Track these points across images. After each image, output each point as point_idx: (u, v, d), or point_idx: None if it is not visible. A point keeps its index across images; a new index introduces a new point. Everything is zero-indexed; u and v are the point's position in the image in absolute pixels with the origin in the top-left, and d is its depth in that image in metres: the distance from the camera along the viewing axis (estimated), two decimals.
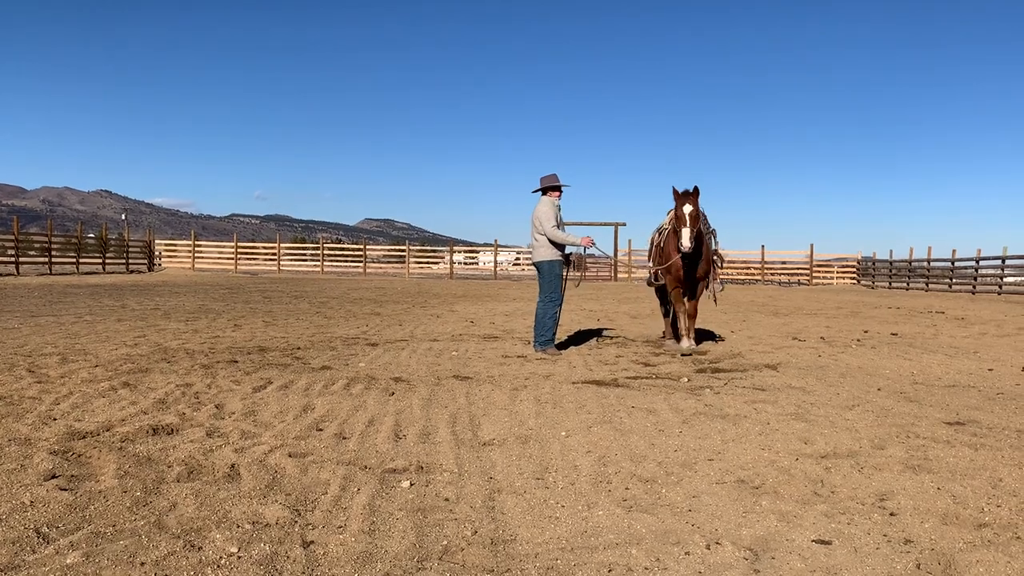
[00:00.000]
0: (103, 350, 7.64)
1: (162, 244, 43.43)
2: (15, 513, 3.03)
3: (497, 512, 3.23)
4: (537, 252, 8.51)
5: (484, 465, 3.91)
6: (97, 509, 3.11)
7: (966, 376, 7.18)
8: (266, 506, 3.20)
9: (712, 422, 4.93)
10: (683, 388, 6.20)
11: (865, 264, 40.92)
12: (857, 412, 5.33)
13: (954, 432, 4.74)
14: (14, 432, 4.24)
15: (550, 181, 8.51)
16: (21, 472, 3.54)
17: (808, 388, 6.29)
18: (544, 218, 8.31)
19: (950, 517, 3.23)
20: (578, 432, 4.61)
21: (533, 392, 5.88)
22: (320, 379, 6.25)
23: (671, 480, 3.70)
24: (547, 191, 8.53)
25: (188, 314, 12.48)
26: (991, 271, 30.74)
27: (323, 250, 44.12)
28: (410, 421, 4.83)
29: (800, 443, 4.42)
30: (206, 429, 4.45)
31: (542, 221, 8.31)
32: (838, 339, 10.44)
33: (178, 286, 22.87)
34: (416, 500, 3.35)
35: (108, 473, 3.56)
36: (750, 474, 3.81)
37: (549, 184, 8.51)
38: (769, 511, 3.28)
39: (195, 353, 7.64)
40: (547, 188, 8.53)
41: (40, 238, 32.99)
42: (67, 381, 5.83)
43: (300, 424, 4.66)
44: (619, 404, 5.46)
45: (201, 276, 33.16)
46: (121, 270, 35.07)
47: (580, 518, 3.18)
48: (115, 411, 4.85)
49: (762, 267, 42.10)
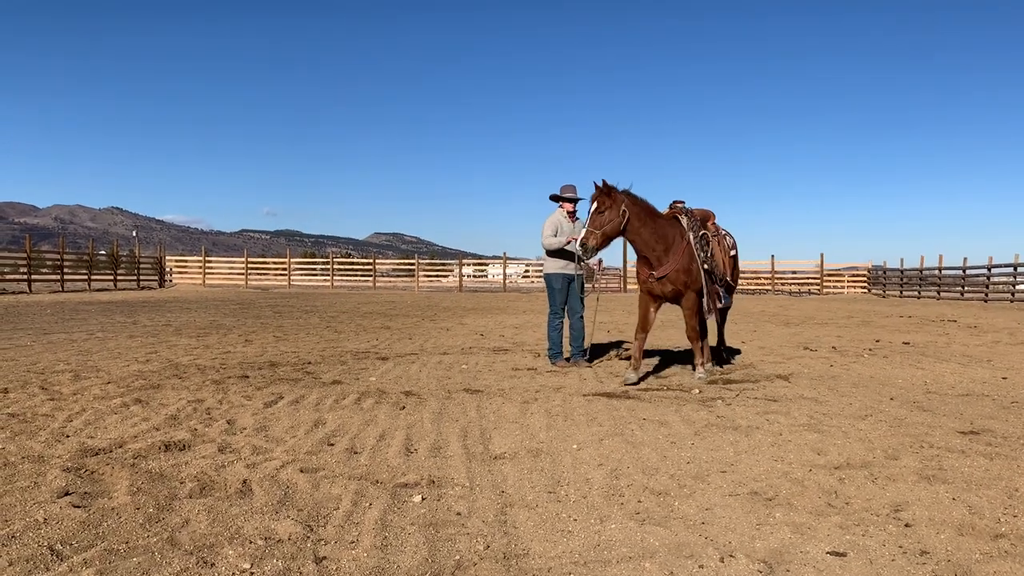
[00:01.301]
0: (115, 367, 7.68)
1: (173, 260, 43.66)
2: (29, 530, 3.04)
3: (509, 526, 3.22)
4: (544, 265, 8.52)
5: (496, 479, 3.90)
6: (110, 526, 3.12)
7: (980, 385, 7.13)
8: (278, 522, 3.20)
9: (724, 434, 4.91)
10: (694, 400, 6.17)
11: (876, 273, 40.76)
12: (870, 422, 5.29)
13: (969, 441, 4.70)
14: (28, 449, 4.26)
15: (561, 192, 8.42)
16: (35, 489, 3.55)
17: (820, 398, 6.25)
18: (543, 230, 8.25)
19: (966, 528, 3.20)
20: (590, 445, 4.59)
21: (544, 405, 5.87)
22: (331, 393, 6.26)
23: (684, 493, 3.68)
24: (561, 202, 8.43)
25: (199, 330, 12.53)
26: (1003, 279, 30.55)
27: (333, 265, 44.24)
28: (421, 435, 4.82)
29: (813, 454, 4.40)
30: (218, 445, 4.46)
31: (542, 233, 8.26)
32: (850, 349, 10.38)
33: (189, 302, 22.96)
34: (428, 515, 3.34)
35: (121, 490, 3.57)
36: (763, 486, 3.79)
37: (560, 195, 8.42)
38: (783, 523, 3.26)
39: (206, 369, 7.66)
40: (558, 199, 8.44)
41: (52, 256, 33.21)
42: (80, 398, 5.85)
43: (311, 439, 4.66)
44: (630, 416, 5.45)
45: (212, 292, 33.29)
46: (132, 287, 35.26)
47: (593, 531, 3.17)
48: (127, 428, 4.87)
49: (772, 277, 41.99)
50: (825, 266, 41.59)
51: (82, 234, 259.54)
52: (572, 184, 8.45)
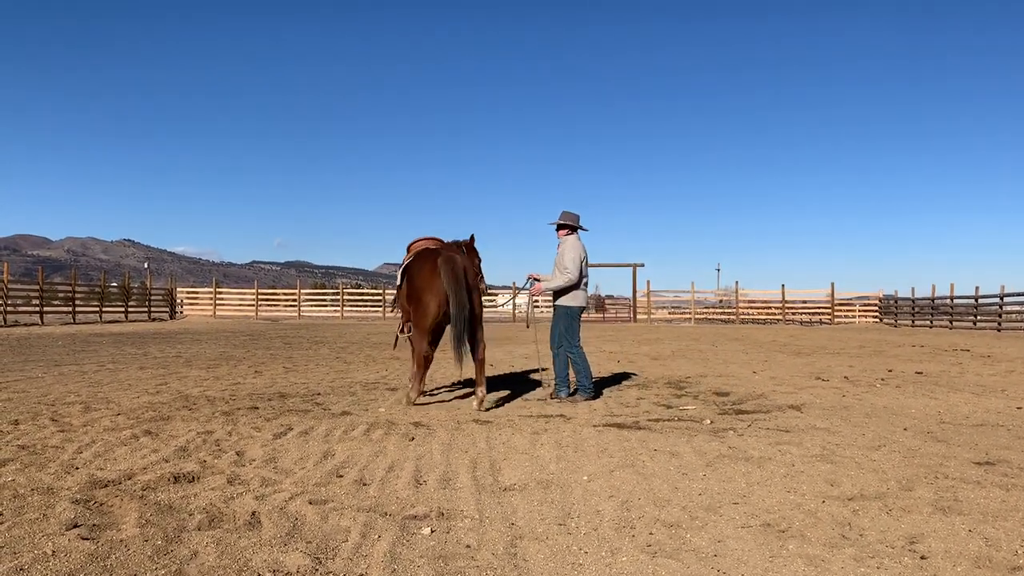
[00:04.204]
0: (125, 398, 7.69)
1: (184, 292, 43.90)
2: (37, 563, 3.03)
3: (519, 559, 3.19)
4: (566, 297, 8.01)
5: (505, 511, 3.87)
6: (118, 558, 3.11)
7: (994, 415, 7.06)
8: (287, 554, 3.18)
9: (736, 464, 4.87)
10: (706, 430, 6.13)
11: (887, 302, 40.60)
12: (884, 453, 5.24)
13: (984, 472, 4.64)
14: (37, 481, 4.26)
15: (566, 219, 8.05)
16: (43, 521, 3.55)
17: (833, 429, 6.20)
18: (571, 261, 7.82)
19: (983, 560, 3.15)
20: (600, 476, 4.56)
21: (554, 436, 5.83)
22: (340, 425, 6.24)
23: (696, 524, 3.65)
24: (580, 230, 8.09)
25: (209, 361, 12.55)
26: (1016, 307, 30.36)
27: (343, 295, 44.40)
28: (430, 466, 4.80)
29: (826, 485, 4.35)
30: (227, 476, 4.45)
31: (569, 264, 7.82)
32: (862, 378, 10.31)
33: (199, 333, 23.03)
34: (437, 547, 3.31)
35: (130, 522, 3.56)
36: (776, 517, 3.75)
37: (577, 224, 8.06)
38: (796, 555, 3.22)
39: (216, 400, 7.66)
40: (576, 227, 8.08)
41: (64, 287, 33.48)
42: (89, 430, 5.86)
43: (320, 470, 4.65)
44: (641, 447, 5.41)
45: (223, 323, 33.41)
46: (143, 318, 35.42)
47: (604, 564, 3.13)
48: (137, 459, 4.87)
49: (783, 306, 41.85)
50: (836, 295, 41.45)
51: (94, 266, 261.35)
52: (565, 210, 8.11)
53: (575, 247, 7.91)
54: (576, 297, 7.95)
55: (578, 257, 7.84)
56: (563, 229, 8.12)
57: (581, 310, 8.06)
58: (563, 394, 7.97)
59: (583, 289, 8.00)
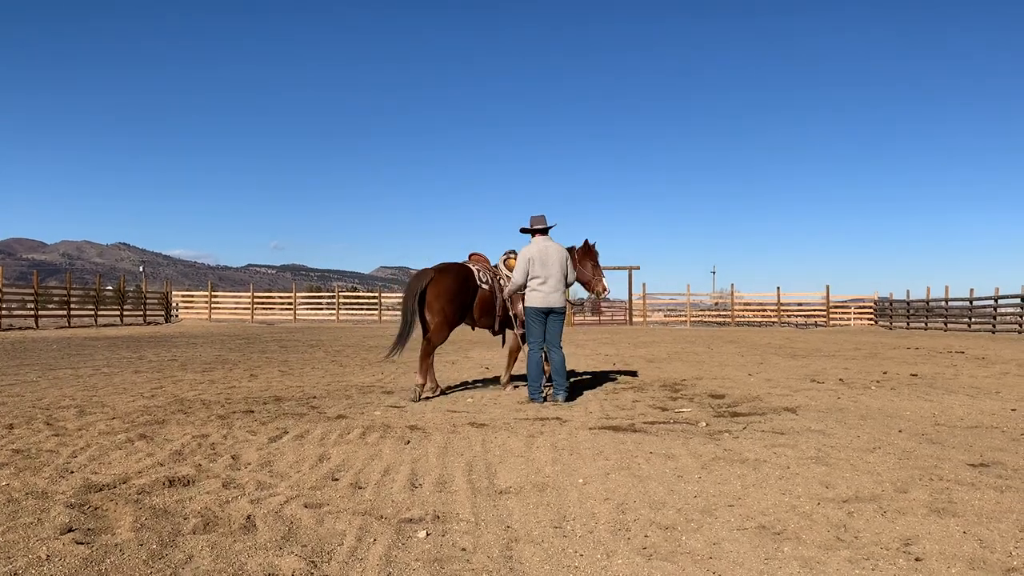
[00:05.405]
0: (120, 402, 7.68)
1: (179, 295, 43.80)
2: (32, 567, 3.02)
3: (515, 562, 3.19)
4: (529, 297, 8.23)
5: (501, 514, 3.87)
6: (113, 563, 3.10)
7: (989, 417, 7.08)
8: (282, 558, 3.18)
9: (731, 467, 4.87)
10: (701, 433, 6.14)
11: (882, 304, 40.67)
12: (879, 455, 5.25)
13: (979, 474, 4.65)
14: (31, 485, 4.25)
15: (535, 224, 8.31)
16: (38, 526, 3.54)
17: (828, 431, 6.21)
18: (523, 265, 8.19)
19: (977, 562, 3.16)
20: (596, 479, 4.56)
21: (549, 439, 5.84)
22: (336, 428, 6.24)
23: (691, 527, 3.65)
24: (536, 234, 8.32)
25: (204, 365, 12.53)
26: (1011, 309, 30.45)
27: (339, 299, 44.35)
28: (426, 470, 4.80)
29: (821, 487, 4.36)
30: (222, 480, 4.44)
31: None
32: (857, 381, 10.33)
33: (195, 337, 23.00)
34: (433, 550, 3.31)
35: (124, 526, 3.56)
36: (771, 520, 3.75)
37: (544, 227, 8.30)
38: (791, 557, 3.23)
39: (211, 404, 7.65)
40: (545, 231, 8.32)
41: (59, 291, 33.38)
42: (84, 434, 5.85)
43: (316, 474, 4.64)
44: (637, 450, 5.41)
45: (218, 327, 33.35)
46: (139, 322, 35.34)
47: (599, 567, 3.13)
48: (132, 463, 4.86)
49: (778, 309, 41.92)
50: (831, 298, 41.53)
51: (89, 270, 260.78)
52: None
53: (525, 250, 8.18)
54: (531, 298, 8.12)
55: (524, 259, 8.12)
56: (534, 233, 8.34)
57: (536, 311, 8.11)
58: (536, 398, 8.03)
59: (539, 290, 8.07)
